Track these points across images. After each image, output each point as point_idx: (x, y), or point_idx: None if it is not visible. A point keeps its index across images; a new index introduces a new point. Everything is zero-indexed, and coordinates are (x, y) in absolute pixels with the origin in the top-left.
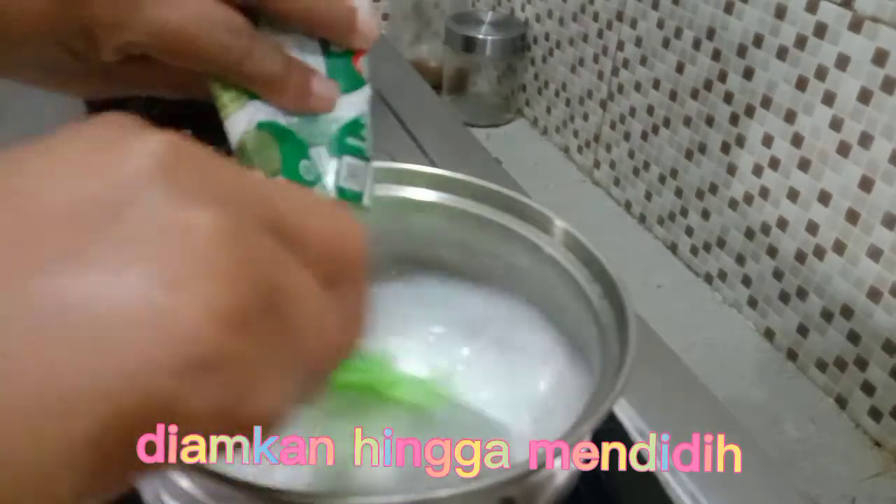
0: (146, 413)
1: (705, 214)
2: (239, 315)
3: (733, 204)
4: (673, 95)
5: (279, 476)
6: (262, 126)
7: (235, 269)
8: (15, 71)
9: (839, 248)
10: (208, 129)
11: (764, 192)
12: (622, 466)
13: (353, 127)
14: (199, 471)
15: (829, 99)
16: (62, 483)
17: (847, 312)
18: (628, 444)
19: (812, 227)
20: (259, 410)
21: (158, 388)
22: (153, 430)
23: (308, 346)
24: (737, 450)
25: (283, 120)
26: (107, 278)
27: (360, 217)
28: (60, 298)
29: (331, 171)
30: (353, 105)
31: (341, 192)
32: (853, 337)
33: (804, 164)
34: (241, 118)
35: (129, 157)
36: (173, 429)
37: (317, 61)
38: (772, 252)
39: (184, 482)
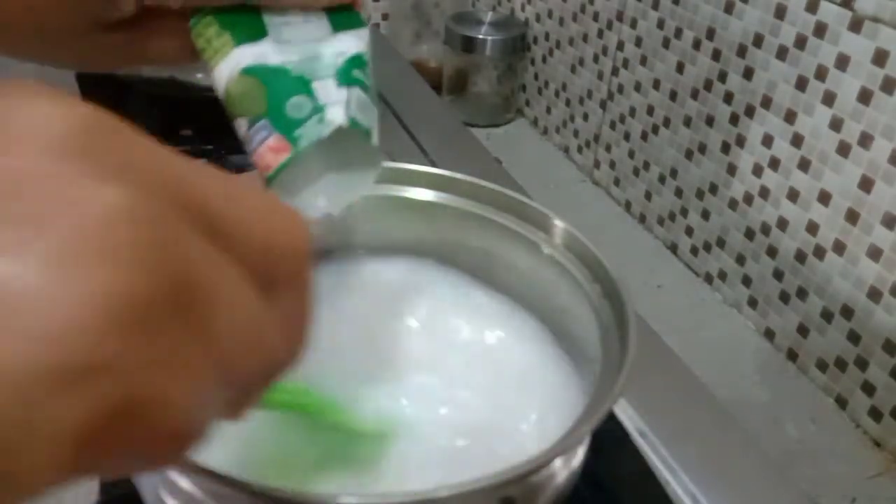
0: (4, 424)
1: (705, 214)
2: (134, 309)
3: (733, 204)
4: (673, 95)
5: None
6: (246, 71)
7: (137, 255)
8: (16, 42)
9: (839, 248)
10: (208, 129)
11: (764, 193)
12: (622, 466)
13: (358, 61)
14: (199, 471)
15: (829, 99)
16: None
17: (847, 312)
18: (628, 444)
19: (812, 228)
20: (161, 427)
21: (19, 395)
22: (15, 448)
23: (233, 357)
24: (737, 450)
25: (275, 59)
26: None
27: (372, 157)
28: None
29: (340, 101)
30: (355, 41)
31: (353, 122)
32: (853, 337)
33: (804, 165)
34: (225, 67)
35: (34, 121)
36: (47, 446)
37: None
38: (772, 252)
39: (184, 482)
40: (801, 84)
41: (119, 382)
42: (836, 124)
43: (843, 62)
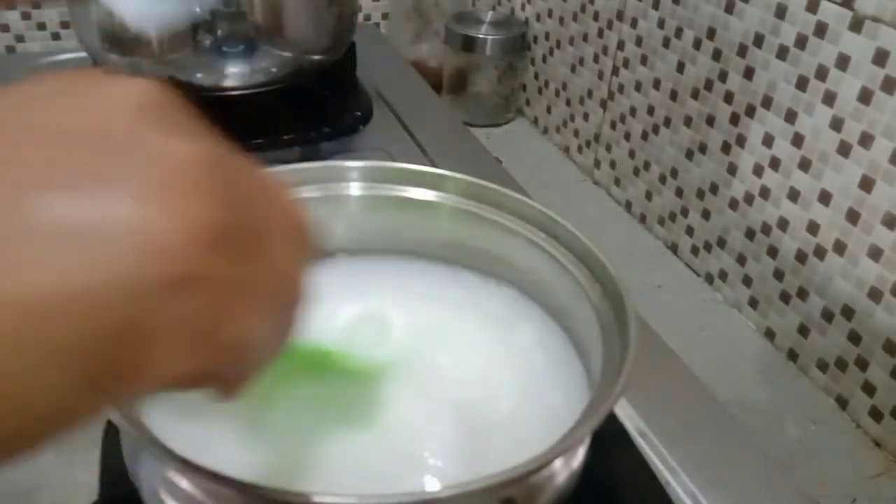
0: (126, 323)
1: (706, 214)
2: (217, 233)
3: (734, 204)
4: (673, 95)
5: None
6: None
7: (219, 193)
8: None
9: (840, 248)
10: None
11: (764, 192)
12: (622, 466)
13: None
14: (199, 471)
15: (829, 99)
16: (49, 388)
17: (848, 312)
18: (628, 444)
19: (812, 227)
20: (235, 335)
21: (135, 298)
22: (135, 342)
23: (284, 286)
24: (737, 450)
25: None
26: (92, 194)
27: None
28: (47, 212)
29: None
30: None
31: None
32: (854, 337)
33: (805, 164)
34: None
35: (115, 92)
36: (155, 341)
37: None
38: (772, 252)
39: (184, 482)
40: (802, 84)
41: (212, 292)
42: (836, 124)
43: (843, 62)
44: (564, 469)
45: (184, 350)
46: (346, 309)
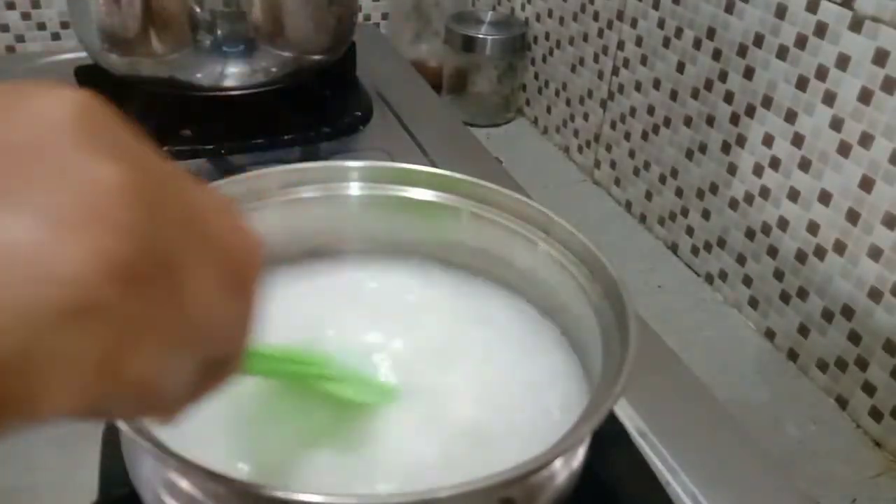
0: (15, 351)
1: (706, 214)
2: (128, 268)
3: (734, 204)
4: (673, 95)
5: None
6: None
7: (133, 224)
8: None
9: (840, 248)
10: (208, 129)
11: (764, 192)
12: (622, 466)
13: None
14: (199, 471)
15: (829, 99)
16: None
17: (848, 312)
18: (628, 444)
19: (812, 227)
20: (137, 371)
21: (27, 326)
22: (23, 371)
23: (201, 328)
24: (737, 450)
25: None
26: (3, 216)
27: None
28: None
29: None
30: None
31: None
32: (854, 337)
33: (805, 164)
34: None
35: (47, 106)
36: (46, 373)
37: None
38: (772, 252)
39: (184, 482)
40: (802, 84)
41: (110, 325)
42: (836, 124)
43: (843, 62)
44: (564, 469)
45: (77, 383)
46: (344, 307)
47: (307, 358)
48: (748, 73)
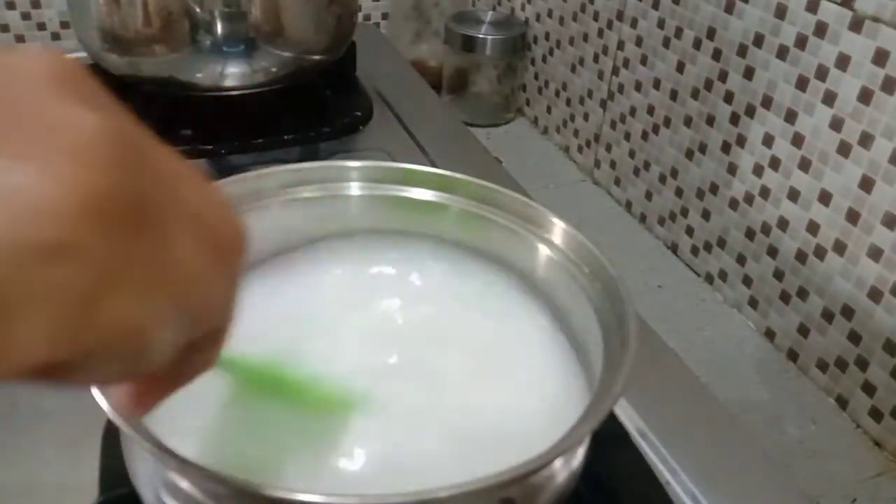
0: (5, 281)
1: (706, 214)
2: (106, 201)
3: (734, 204)
4: (673, 95)
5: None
6: None
7: (111, 162)
8: None
9: (840, 248)
10: (208, 129)
11: (764, 192)
12: (622, 466)
13: None
14: (199, 471)
15: (829, 99)
16: None
17: (848, 312)
18: (628, 444)
19: (812, 227)
20: (115, 320)
21: (9, 263)
22: (8, 306)
23: (181, 284)
24: (737, 450)
25: None
26: None
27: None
28: None
29: None
30: None
31: None
32: (854, 337)
33: (805, 164)
34: None
35: (24, 62)
36: (17, 314)
37: None
38: (772, 252)
39: (184, 482)
40: (802, 84)
41: (88, 265)
42: (836, 124)
43: (843, 62)
44: (564, 469)
45: (54, 322)
46: (344, 307)
47: (276, 371)
48: (748, 73)
